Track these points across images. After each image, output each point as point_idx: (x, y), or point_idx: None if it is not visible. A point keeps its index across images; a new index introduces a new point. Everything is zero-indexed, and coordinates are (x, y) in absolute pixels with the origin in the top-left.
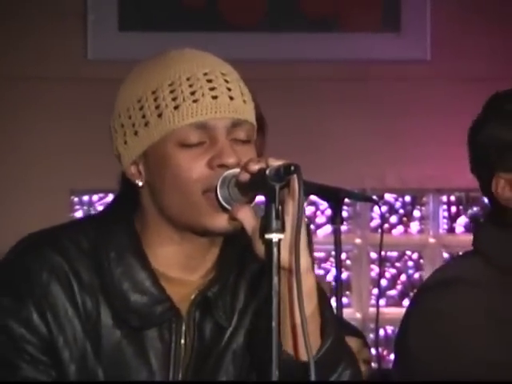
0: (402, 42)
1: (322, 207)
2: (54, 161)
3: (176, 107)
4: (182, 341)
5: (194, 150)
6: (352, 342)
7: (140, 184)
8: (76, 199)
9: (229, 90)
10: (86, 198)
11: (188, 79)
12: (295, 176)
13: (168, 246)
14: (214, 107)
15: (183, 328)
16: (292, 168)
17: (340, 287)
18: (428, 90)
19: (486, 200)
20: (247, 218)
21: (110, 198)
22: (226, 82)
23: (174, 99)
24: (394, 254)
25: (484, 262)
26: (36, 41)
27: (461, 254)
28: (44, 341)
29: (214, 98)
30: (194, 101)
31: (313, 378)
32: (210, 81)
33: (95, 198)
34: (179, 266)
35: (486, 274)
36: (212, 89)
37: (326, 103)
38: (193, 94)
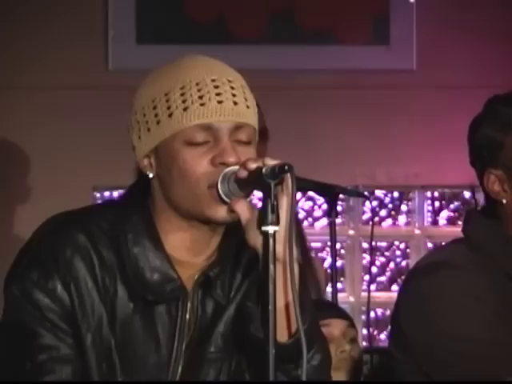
0: (390, 54)
1: (318, 202)
2: (79, 161)
3: (185, 109)
4: (187, 316)
5: (199, 148)
6: (339, 323)
7: (151, 175)
8: (98, 195)
9: (233, 95)
10: (106, 193)
11: (197, 84)
12: (288, 174)
13: (176, 232)
14: (219, 111)
15: (188, 305)
16: (286, 167)
17: (335, 274)
18: (414, 97)
19: (466, 195)
20: (243, 210)
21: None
22: (232, 88)
23: (183, 101)
24: (384, 244)
25: (471, 248)
26: (63, 54)
27: (452, 240)
28: (66, 310)
29: (220, 102)
30: (202, 104)
31: (304, 353)
32: (217, 87)
33: (115, 193)
34: (186, 250)
35: (472, 259)
36: (218, 94)
37: (322, 109)
38: (201, 97)
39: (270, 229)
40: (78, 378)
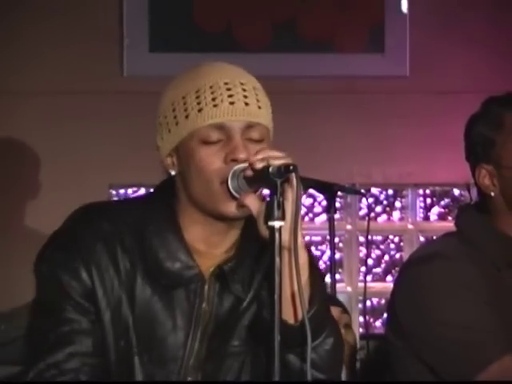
0: (385, 61)
1: (318, 199)
2: (96, 160)
3: (200, 110)
4: (204, 304)
5: (213, 146)
6: (333, 310)
7: (173, 173)
8: (114, 192)
9: (245, 97)
10: (122, 191)
11: (211, 87)
12: (293, 174)
13: (196, 225)
14: (231, 111)
15: (205, 293)
16: (291, 167)
17: (334, 266)
18: (407, 101)
19: (456, 193)
20: (253, 203)
21: (142, 190)
22: (244, 90)
23: (198, 103)
24: (379, 238)
25: (463, 241)
26: (82, 61)
27: (445, 233)
28: (87, 289)
29: (232, 103)
30: (215, 105)
31: (309, 335)
32: (229, 89)
33: (130, 191)
34: (204, 242)
35: (464, 251)
36: (230, 96)
37: (322, 112)
38: (214, 99)
39: (276, 223)
40: (97, 352)
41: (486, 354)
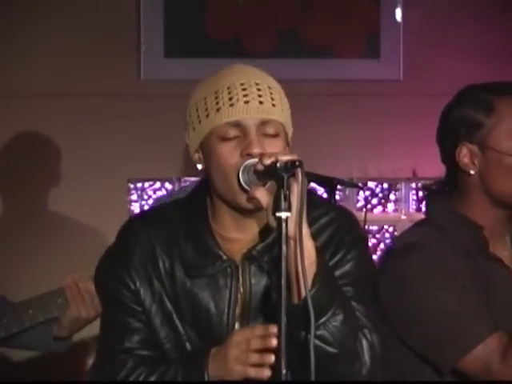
0: (381, 66)
1: (319, 192)
2: (116, 156)
3: (218, 110)
4: (241, 287)
5: (230, 142)
6: None
7: (200, 167)
8: (132, 186)
9: (260, 96)
10: (139, 184)
11: (228, 88)
12: (299, 169)
13: (225, 214)
14: (246, 109)
15: (240, 277)
16: (297, 163)
17: None
18: (401, 103)
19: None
20: (262, 196)
21: (158, 184)
22: (259, 90)
23: (216, 103)
24: (375, 227)
25: (437, 230)
26: (102, 65)
27: (416, 222)
28: (132, 293)
29: (246, 102)
30: (231, 105)
31: (311, 312)
32: (244, 89)
33: (146, 184)
34: (234, 229)
35: (440, 239)
36: (245, 95)
37: (322, 113)
38: (230, 99)
39: (283, 214)
40: (147, 344)
41: (470, 338)
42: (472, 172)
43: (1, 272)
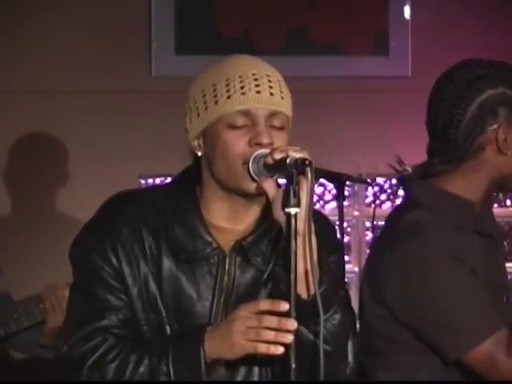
0: (389, 63)
1: (328, 188)
2: (127, 153)
3: (228, 97)
4: (225, 277)
5: (238, 131)
6: None
7: (199, 154)
8: (143, 182)
9: (270, 87)
10: (150, 181)
11: (240, 76)
12: (308, 168)
13: (218, 202)
14: (257, 99)
15: (226, 267)
16: (307, 162)
17: (343, 249)
18: (409, 99)
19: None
20: (270, 188)
21: (168, 180)
22: (269, 81)
23: (227, 91)
24: (383, 223)
25: (429, 211)
26: (114, 63)
27: (402, 205)
28: (115, 269)
29: (258, 92)
30: (243, 93)
31: (320, 309)
32: (256, 79)
33: (157, 181)
34: (226, 218)
35: (437, 220)
36: (257, 85)
37: (331, 109)
38: (242, 88)
39: (292, 210)
40: (125, 325)
41: (482, 329)
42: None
43: (11, 270)
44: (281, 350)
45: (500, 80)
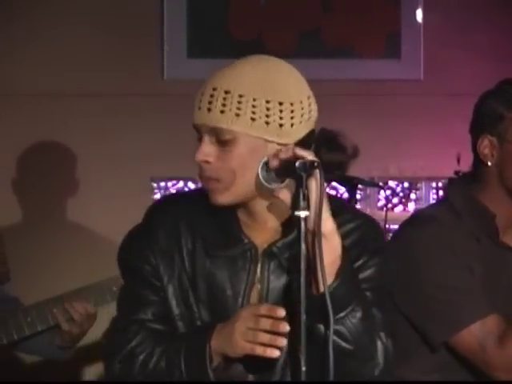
0: (401, 66)
1: (340, 191)
2: (139, 156)
3: (195, 110)
4: (258, 274)
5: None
6: None
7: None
8: (155, 184)
9: (210, 103)
10: (162, 183)
11: (202, 92)
12: (317, 170)
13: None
14: (197, 115)
15: (259, 265)
16: (315, 164)
17: None
18: (421, 103)
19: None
20: (286, 198)
21: (181, 183)
22: (212, 96)
23: (194, 104)
24: (395, 226)
25: (451, 211)
26: (127, 66)
27: (437, 201)
28: (154, 269)
29: (199, 108)
30: (196, 108)
31: (329, 304)
32: (202, 94)
33: (169, 183)
34: (254, 218)
35: (452, 219)
36: (200, 101)
37: (343, 112)
38: (199, 102)
39: (302, 213)
40: (161, 319)
41: (469, 314)
42: (489, 163)
43: (20, 275)
44: (276, 353)
45: (491, 92)
